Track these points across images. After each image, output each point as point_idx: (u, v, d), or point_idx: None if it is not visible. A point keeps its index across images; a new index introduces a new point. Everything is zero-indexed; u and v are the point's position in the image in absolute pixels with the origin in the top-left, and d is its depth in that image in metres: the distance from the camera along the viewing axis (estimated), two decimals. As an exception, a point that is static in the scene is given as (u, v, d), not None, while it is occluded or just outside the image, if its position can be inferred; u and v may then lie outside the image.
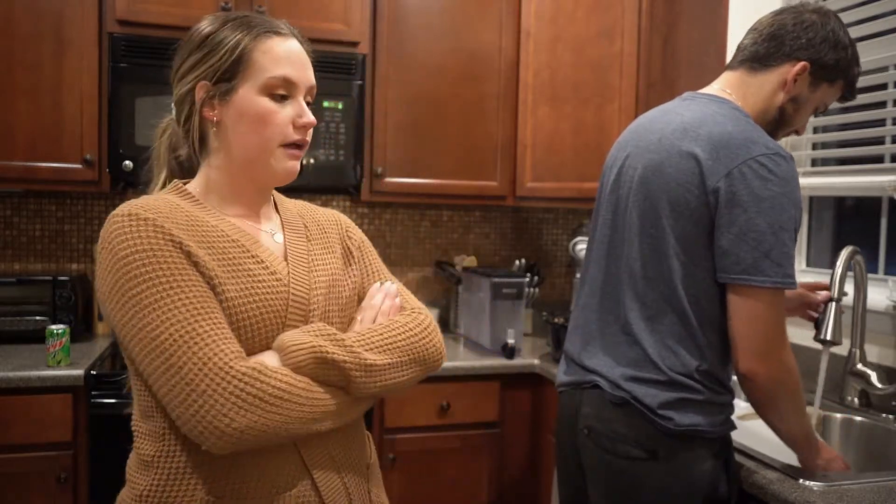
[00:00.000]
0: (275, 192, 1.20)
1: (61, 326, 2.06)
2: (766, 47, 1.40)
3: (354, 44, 2.46)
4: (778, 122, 1.42)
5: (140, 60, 2.25)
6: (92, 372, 2.03)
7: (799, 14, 1.40)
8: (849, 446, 1.75)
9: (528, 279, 2.78)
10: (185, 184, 1.10)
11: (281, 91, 1.05)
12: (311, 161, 2.38)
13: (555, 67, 2.61)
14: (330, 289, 1.10)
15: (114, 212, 0.98)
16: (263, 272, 1.03)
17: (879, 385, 1.75)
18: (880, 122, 1.96)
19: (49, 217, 2.60)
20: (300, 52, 1.08)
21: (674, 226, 1.31)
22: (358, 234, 1.24)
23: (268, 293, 1.01)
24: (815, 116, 1.50)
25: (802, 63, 1.37)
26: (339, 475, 1.07)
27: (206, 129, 1.07)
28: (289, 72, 1.05)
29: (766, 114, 1.41)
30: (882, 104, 1.95)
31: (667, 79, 2.42)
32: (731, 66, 1.46)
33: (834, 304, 1.59)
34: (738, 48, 1.46)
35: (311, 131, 1.09)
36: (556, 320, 2.37)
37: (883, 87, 1.95)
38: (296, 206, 1.22)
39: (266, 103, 1.04)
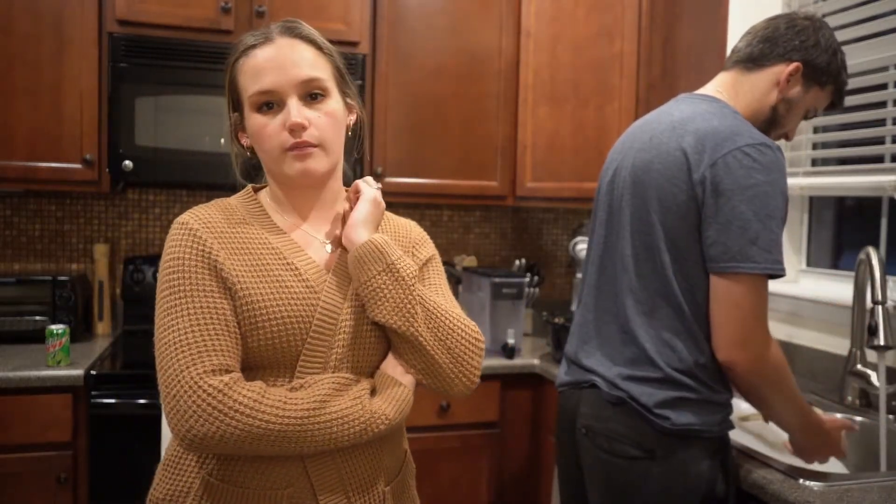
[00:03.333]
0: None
1: (61, 326, 2.06)
2: (761, 49, 1.43)
3: (354, 44, 2.46)
4: (770, 122, 1.45)
5: (140, 60, 2.25)
6: (92, 372, 2.03)
7: (792, 19, 1.45)
8: (849, 446, 1.75)
9: (528, 279, 2.78)
10: (256, 189, 1.19)
11: (266, 103, 1.06)
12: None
13: (555, 67, 2.61)
14: None
15: (178, 217, 1.09)
16: (294, 279, 1.06)
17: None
18: (880, 122, 1.96)
19: (49, 217, 2.60)
20: (282, 54, 1.06)
21: (664, 221, 1.33)
22: (426, 252, 1.22)
23: (294, 299, 1.05)
24: (806, 119, 1.52)
25: (796, 63, 1.41)
26: (342, 485, 1.07)
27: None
28: (264, 83, 1.05)
29: (759, 113, 1.44)
30: (882, 104, 1.95)
31: (667, 79, 2.42)
32: (725, 68, 1.49)
33: (881, 308, 1.57)
34: (733, 50, 1.49)
35: (315, 127, 1.06)
36: (556, 320, 2.37)
37: (883, 87, 1.95)
38: None
39: (258, 120, 1.07)
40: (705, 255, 1.30)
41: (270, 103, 1.06)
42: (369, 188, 1.14)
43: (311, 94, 1.07)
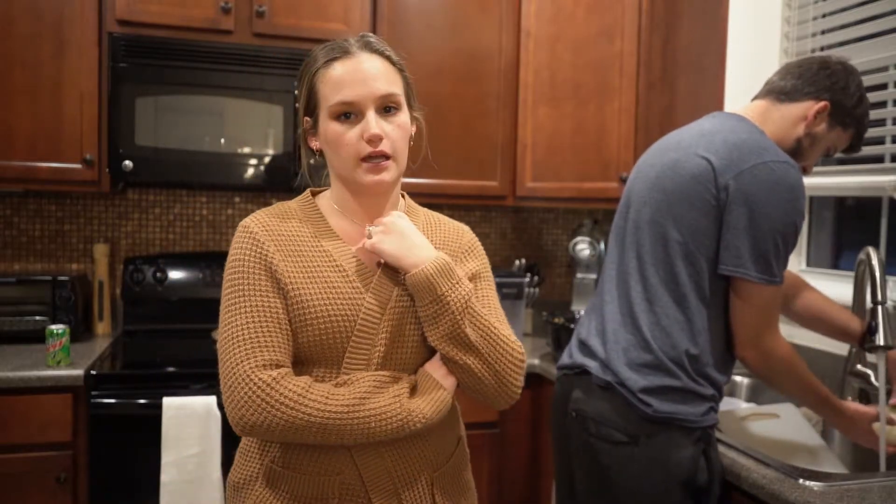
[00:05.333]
0: (409, 201, 1.31)
1: (61, 326, 2.06)
2: (794, 84, 1.52)
3: (354, 44, 2.46)
4: (793, 153, 1.51)
5: (140, 60, 2.25)
6: (92, 372, 2.02)
7: (826, 62, 1.53)
8: (849, 446, 1.75)
9: (528, 279, 2.78)
10: (314, 193, 1.26)
11: (345, 113, 1.13)
12: (311, 161, 2.38)
13: (555, 67, 2.61)
14: (413, 303, 1.16)
15: (244, 220, 1.18)
16: (341, 280, 1.14)
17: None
18: (880, 122, 1.96)
19: (49, 217, 2.60)
20: (363, 68, 1.13)
21: (685, 215, 1.41)
22: (475, 264, 1.27)
23: (340, 299, 1.12)
24: (826, 157, 1.60)
25: (824, 102, 1.49)
26: (387, 472, 1.14)
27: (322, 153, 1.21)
28: (345, 94, 1.12)
29: (784, 142, 1.50)
30: (882, 104, 1.95)
31: (667, 79, 2.41)
32: (757, 96, 1.58)
33: (881, 308, 1.60)
34: (766, 82, 1.58)
35: (389, 140, 1.13)
36: (556, 320, 2.37)
37: (883, 87, 1.95)
38: (425, 218, 1.30)
39: (335, 128, 1.13)
40: (719, 254, 1.39)
41: (349, 113, 1.13)
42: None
43: (386, 108, 1.15)
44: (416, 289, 1.12)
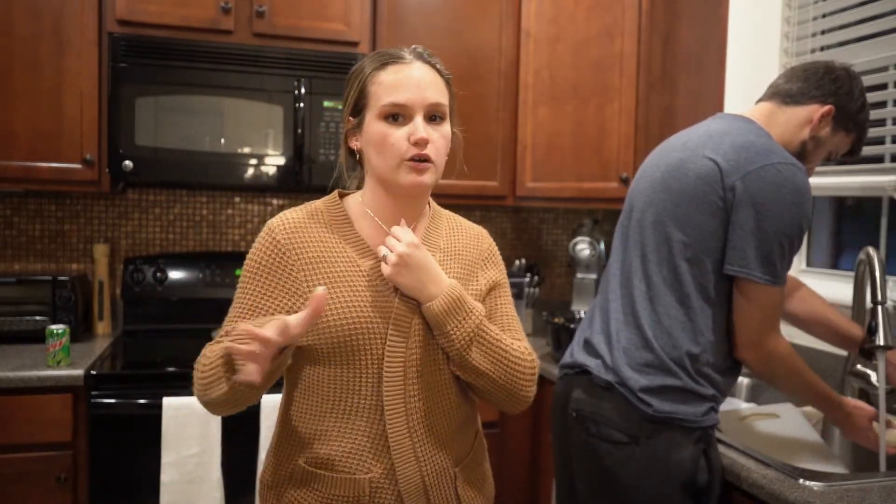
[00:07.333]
0: (435, 206, 1.31)
1: (61, 326, 2.06)
2: (799, 87, 1.52)
3: (354, 44, 2.46)
4: (797, 156, 1.50)
5: (140, 60, 2.25)
6: (92, 372, 2.03)
7: (830, 67, 1.53)
8: (849, 446, 1.75)
9: (528, 279, 2.78)
10: (342, 195, 1.27)
11: (395, 114, 1.15)
12: (311, 162, 2.38)
13: (555, 67, 2.61)
14: None
15: (271, 220, 1.23)
16: (365, 285, 1.16)
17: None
18: (880, 122, 1.96)
19: (49, 217, 2.60)
20: (416, 75, 1.16)
21: (690, 216, 1.41)
22: (495, 272, 1.32)
23: (366, 305, 1.15)
24: (827, 160, 1.60)
25: (829, 106, 1.49)
26: (419, 470, 1.17)
27: (361, 154, 1.22)
28: (398, 97, 1.14)
29: (789, 145, 1.51)
30: (882, 104, 1.95)
31: (667, 79, 2.41)
32: (762, 98, 1.58)
33: (881, 308, 1.60)
34: (771, 85, 1.59)
35: (434, 146, 1.16)
36: (556, 320, 2.37)
37: (883, 87, 1.95)
38: (447, 224, 1.31)
39: (382, 127, 1.15)
40: (725, 254, 1.39)
41: (398, 115, 1.15)
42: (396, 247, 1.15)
43: (433, 116, 1.18)
44: (428, 320, 1.16)
